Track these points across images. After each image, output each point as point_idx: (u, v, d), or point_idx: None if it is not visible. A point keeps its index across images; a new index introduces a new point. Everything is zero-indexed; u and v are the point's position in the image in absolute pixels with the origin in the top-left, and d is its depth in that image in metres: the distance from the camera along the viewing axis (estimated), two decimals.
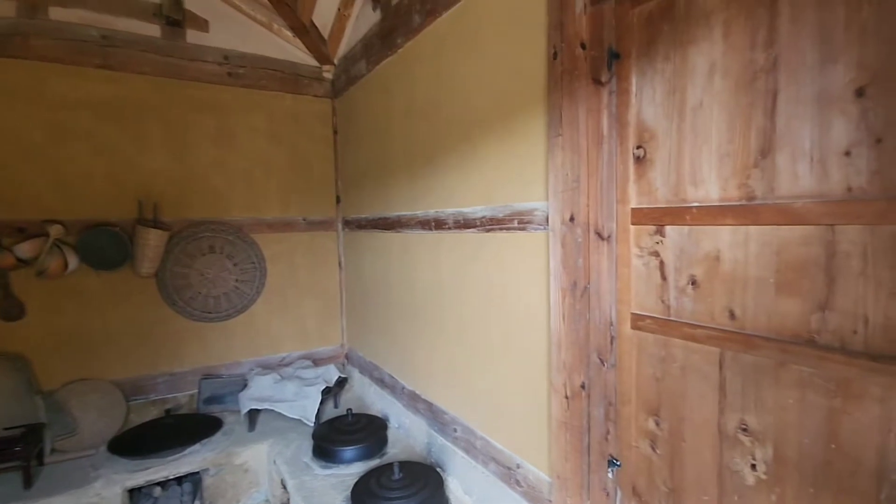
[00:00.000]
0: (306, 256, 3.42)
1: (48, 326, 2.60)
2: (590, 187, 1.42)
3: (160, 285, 2.88)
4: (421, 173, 2.38)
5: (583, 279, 1.45)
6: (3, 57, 2.48)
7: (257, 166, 3.19)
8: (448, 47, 2.10)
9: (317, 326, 3.47)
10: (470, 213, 2.01)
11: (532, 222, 1.67)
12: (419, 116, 2.37)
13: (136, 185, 2.79)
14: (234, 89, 3.08)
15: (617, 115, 1.36)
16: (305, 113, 3.34)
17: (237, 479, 2.61)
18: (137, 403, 2.85)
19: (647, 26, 1.26)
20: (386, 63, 2.65)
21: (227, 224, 3.08)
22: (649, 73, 1.27)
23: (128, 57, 2.74)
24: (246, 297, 3.15)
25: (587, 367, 1.47)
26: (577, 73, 1.42)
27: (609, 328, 1.42)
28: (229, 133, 3.08)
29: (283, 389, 2.79)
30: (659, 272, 1.28)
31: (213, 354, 3.10)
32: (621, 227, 1.37)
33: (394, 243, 2.72)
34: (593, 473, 1.49)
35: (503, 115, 1.79)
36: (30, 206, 2.53)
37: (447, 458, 2.23)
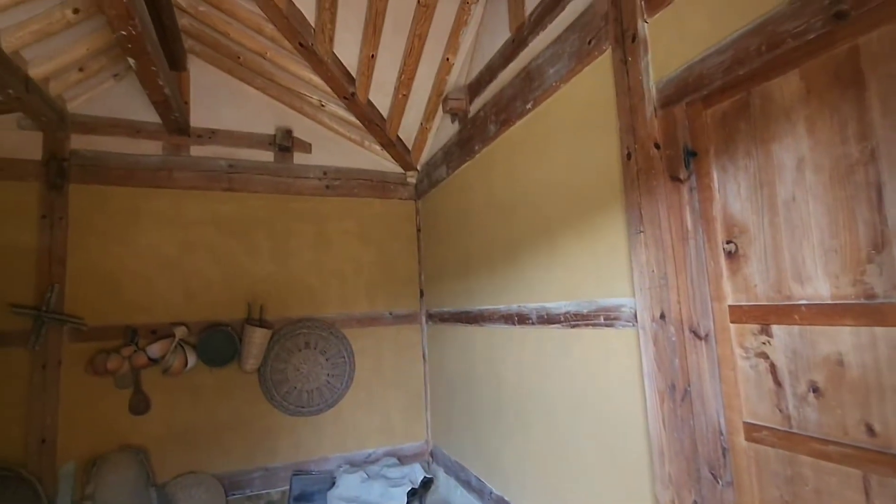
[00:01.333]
0: (392, 349, 3.51)
1: (167, 420, 2.86)
2: (679, 283, 1.37)
3: (261, 380, 3.10)
4: (501, 268, 2.43)
5: (681, 381, 1.35)
6: (152, 187, 3.03)
7: (348, 265, 3.45)
8: (521, 151, 2.24)
9: (402, 421, 3.46)
10: (553, 308, 2.00)
11: (619, 318, 1.61)
12: (497, 214, 2.48)
13: (246, 288, 3.13)
14: (330, 199, 3.46)
15: (701, 211, 1.34)
16: (391, 215, 3.63)
17: None
18: (235, 498, 2.95)
19: (722, 125, 1.28)
20: (464, 167, 2.86)
21: (321, 321, 3.30)
22: (731, 169, 1.25)
23: (247, 180, 3.23)
24: (336, 392, 3.26)
25: (698, 483, 1.32)
26: (653, 172, 1.44)
27: (719, 438, 1.28)
28: (325, 237, 3.41)
29: (370, 490, 2.75)
30: (771, 376, 1.16)
31: (304, 450, 3.18)
32: (720, 326, 1.28)
33: (476, 337, 2.73)
34: None
35: (580, 212, 1.82)
36: (163, 310, 2.92)
37: None
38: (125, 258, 2.89)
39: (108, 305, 2.83)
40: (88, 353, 2.75)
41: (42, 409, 2.62)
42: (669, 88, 1.39)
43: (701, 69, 1.28)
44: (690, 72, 1.31)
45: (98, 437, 2.73)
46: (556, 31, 1.94)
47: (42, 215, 2.76)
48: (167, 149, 3.10)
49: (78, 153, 2.88)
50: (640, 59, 1.49)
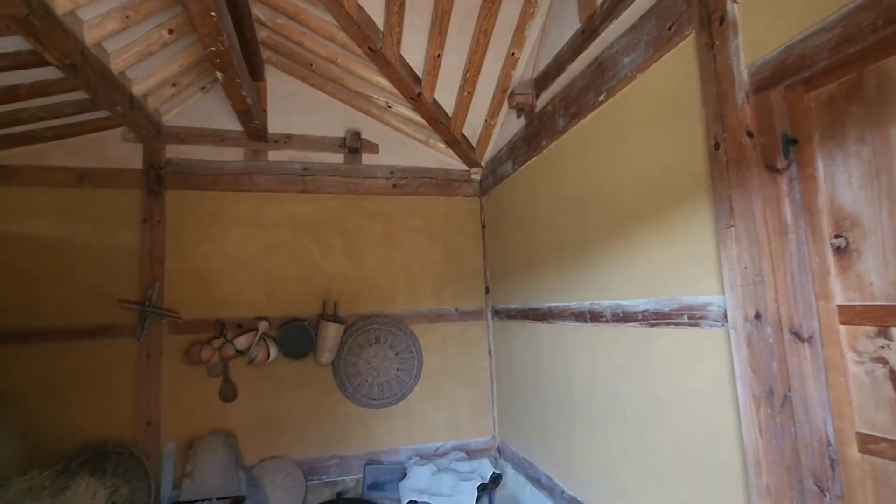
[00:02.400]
0: (458, 345, 3.55)
1: (252, 408, 3.08)
2: (777, 281, 1.28)
3: (335, 373, 3.24)
4: (572, 264, 2.38)
5: (781, 386, 1.26)
6: (235, 191, 3.25)
7: (415, 262, 3.52)
8: (593, 145, 2.18)
9: (469, 416, 3.49)
10: (630, 306, 1.93)
11: (706, 318, 1.53)
12: (567, 210, 2.43)
13: (321, 285, 3.29)
14: (397, 198, 3.54)
15: (803, 203, 1.24)
16: (456, 212, 3.66)
17: None
18: (313, 483, 3.11)
19: (828, 109, 1.17)
20: (531, 163, 2.82)
21: (390, 317, 3.40)
22: (839, 156, 1.15)
23: (319, 182, 3.38)
24: (405, 385, 3.35)
25: (801, 495, 1.23)
26: (745, 162, 1.35)
27: (826, 448, 1.18)
28: (393, 235, 3.50)
29: (440, 482, 2.81)
30: (891, 383, 1.05)
31: (376, 440, 3.29)
32: (826, 328, 1.18)
33: (545, 335, 2.70)
34: None
35: (659, 206, 1.75)
36: (247, 306, 3.14)
37: None
38: (213, 258, 3.13)
39: (199, 301, 3.08)
40: (184, 345, 3.01)
41: (147, 394, 2.91)
42: (764, 72, 1.30)
43: (802, 49, 1.18)
44: (790, 53, 1.21)
45: (194, 420, 2.98)
46: (631, 19, 1.86)
47: (143, 219, 3.05)
48: (248, 155, 3.31)
49: (172, 161, 3.15)
50: (730, 43, 1.40)
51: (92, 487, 2.30)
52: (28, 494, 2.17)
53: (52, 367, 2.81)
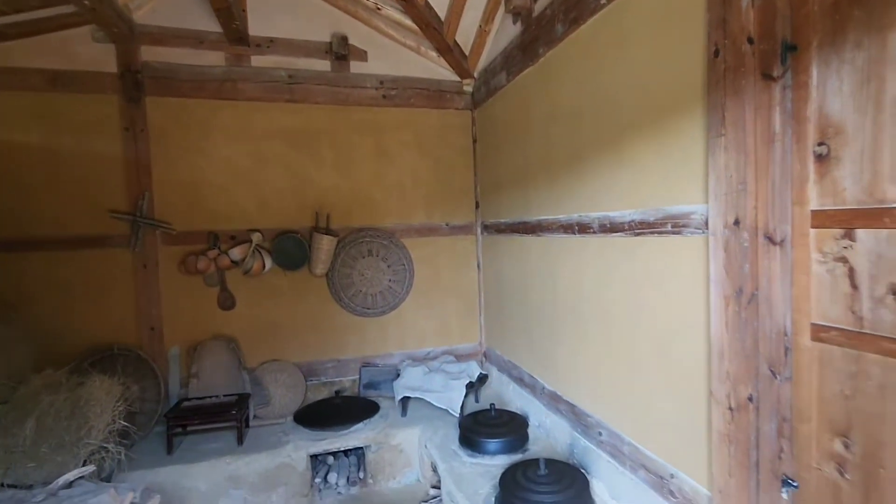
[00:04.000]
0: (448, 259, 3.67)
1: (251, 315, 3.22)
2: (759, 189, 1.34)
3: (330, 284, 3.36)
4: (562, 177, 2.42)
5: (749, 286, 1.37)
6: (219, 99, 3.13)
7: (407, 177, 3.52)
8: (592, 53, 2.12)
9: (458, 324, 3.71)
10: (617, 217, 2.01)
11: (688, 226, 1.62)
12: (561, 122, 2.42)
13: (313, 198, 3.30)
14: (387, 110, 3.45)
15: (792, 112, 1.27)
16: (448, 126, 3.60)
17: (393, 457, 2.93)
18: (312, 384, 3.36)
19: (832, 13, 1.16)
20: (526, 73, 2.74)
21: (382, 230, 3.46)
22: (835, 63, 1.16)
23: (307, 90, 3.26)
24: (397, 296, 3.50)
25: (755, 378, 1.39)
26: (743, 70, 1.35)
27: (783, 338, 1.33)
28: (384, 149, 3.46)
29: (432, 381, 3.05)
30: (848, 280, 1.17)
31: (370, 346, 3.51)
32: (798, 232, 1.27)
33: (533, 247, 2.80)
34: (763, 492, 1.40)
35: (654, 116, 1.76)
36: (239, 218, 3.16)
37: (591, 461, 2.25)
38: (204, 169, 3.09)
39: (191, 213, 3.08)
40: (179, 256, 3.06)
41: (148, 302, 3.01)
42: None
43: None
44: None
45: (195, 327, 3.12)
46: None
47: (125, 127, 2.95)
48: (230, 60, 3.14)
49: (149, 65, 2.99)
50: None
51: (106, 384, 2.45)
52: (47, 389, 2.32)
53: (53, 275, 2.86)
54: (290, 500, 2.70)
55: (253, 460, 2.65)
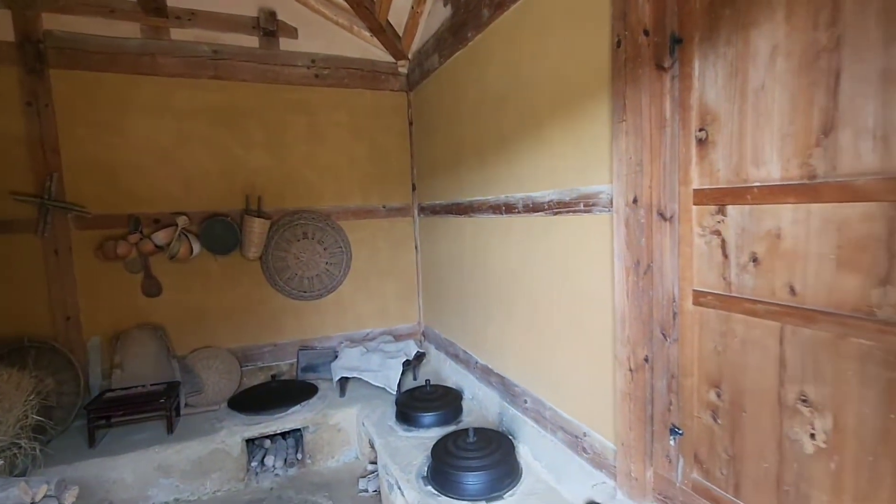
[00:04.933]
0: (386, 241, 3.70)
1: (180, 302, 3.10)
2: (653, 170, 1.48)
3: (264, 268, 3.30)
4: (492, 160, 2.51)
5: (646, 258, 1.52)
6: (136, 74, 2.95)
7: (342, 159, 3.49)
8: (515, 39, 2.20)
9: (396, 305, 3.76)
10: (538, 197, 2.12)
11: (597, 205, 1.75)
12: (489, 106, 2.49)
13: (244, 180, 3.20)
14: (320, 89, 3.39)
15: (679, 100, 1.40)
16: (383, 107, 3.59)
17: (332, 437, 2.96)
18: (248, 369, 3.30)
19: (709, 11, 1.30)
20: (457, 56, 2.79)
21: (317, 212, 3.42)
22: (711, 56, 1.30)
23: (233, 67, 3.13)
24: (335, 279, 3.50)
25: (650, 341, 1.55)
26: (640, 60, 1.47)
27: (672, 304, 1.49)
28: (317, 130, 3.40)
29: (369, 361, 3.10)
30: (720, 250, 1.32)
31: (308, 329, 3.49)
32: (683, 208, 1.42)
33: (466, 227, 2.89)
34: (656, 442, 1.58)
35: (569, 102, 1.87)
36: (163, 201, 3.02)
37: (518, 427, 2.40)
38: (120, 149, 2.91)
39: (108, 195, 2.91)
40: (96, 240, 2.89)
41: (62, 290, 2.83)
42: None
43: None
44: None
45: (117, 315, 2.97)
46: None
47: (27, 102, 2.72)
48: (146, 31, 2.96)
49: (52, 34, 2.76)
50: None
51: (15, 378, 2.30)
52: None
53: None
54: (224, 485, 2.68)
55: (184, 448, 2.60)
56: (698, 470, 1.45)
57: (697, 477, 1.46)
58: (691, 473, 1.48)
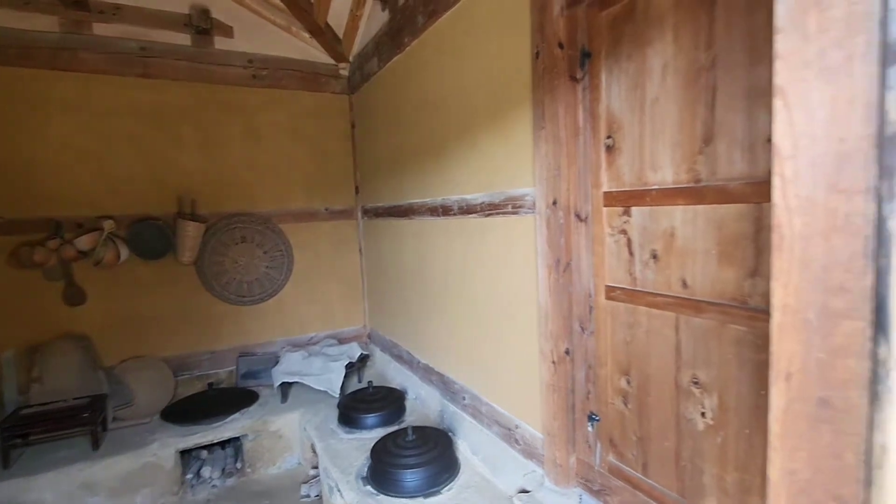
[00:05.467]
0: (329, 244, 3.67)
1: (106, 310, 2.95)
2: (570, 174, 1.58)
3: (199, 272, 3.20)
4: (430, 163, 2.57)
5: (565, 256, 1.62)
6: (55, 69, 2.78)
7: (282, 161, 3.44)
8: (449, 46, 2.27)
9: (341, 308, 3.74)
10: (472, 199, 2.20)
11: (523, 206, 1.84)
12: (427, 110, 2.55)
13: (176, 182, 3.09)
14: (258, 90, 3.32)
15: (590, 109, 1.51)
16: (324, 109, 3.57)
17: (273, 443, 2.91)
18: (184, 378, 3.19)
19: (612, 28, 1.41)
20: (396, 60, 2.83)
21: (256, 215, 3.36)
22: (616, 70, 1.41)
23: (164, 65, 3.02)
24: (276, 282, 3.44)
25: (570, 335, 1.65)
26: (556, 71, 1.57)
27: (588, 299, 1.59)
28: (256, 132, 3.34)
29: (311, 364, 3.07)
30: (627, 248, 1.44)
31: (249, 334, 3.41)
32: (595, 209, 1.53)
33: (407, 230, 2.94)
34: (578, 429, 1.68)
35: (498, 109, 1.95)
36: (86, 204, 2.86)
37: (457, 424, 2.46)
38: (36, 148, 2.74)
39: (23, 198, 2.73)
40: (9, 246, 2.70)
41: None
42: None
43: None
44: None
45: (35, 326, 2.78)
46: None
47: None
48: (65, 26, 2.80)
49: None
50: None
51: None
52: None
53: None
54: (157, 500, 2.57)
55: (112, 464, 2.48)
56: (613, 453, 1.57)
57: (612, 459, 1.57)
58: (607, 456, 1.59)
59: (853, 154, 0.45)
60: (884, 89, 0.42)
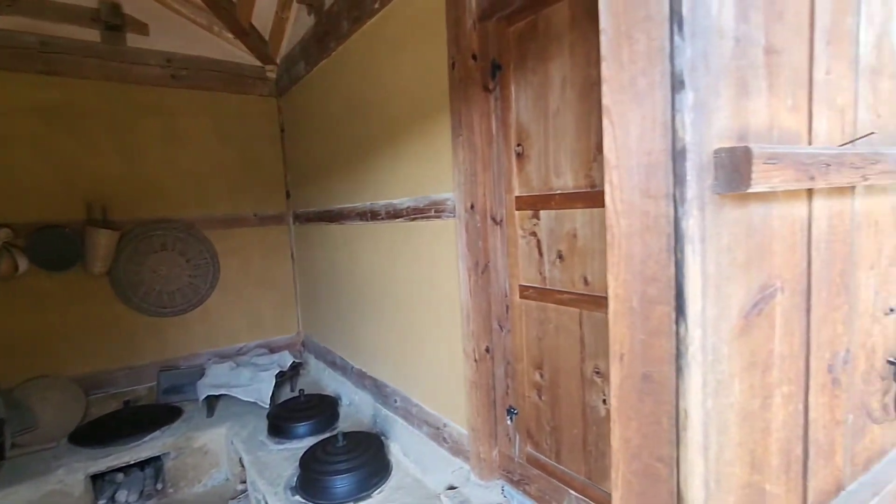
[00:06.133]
0: (259, 250, 3.57)
1: (4, 327, 2.69)
2: (485, 179, 1.66)
3: (114, 283, 2.99)
4: (359, 168, 2.57)
5: (483, 258, 1.69)
6: None
7: (206, 165, 3.30)
8: (373, 53, 2.30)
9: (273, 316, 3.64)
10: (398, 203, 2.23)
11: (445, 210, 1.89)
12: (354, 115, 2.56)
13: (86, 187, 2.88)
14: (179, 91, 3.18)
15: (502, 118, 1.60)
16: (252, 112, 3.47)
17: (198, 460, 2.78)
18: (97, 397, 2.97)
19: (519, 43, 1.50)
20: (323, 65, 2.81)
21: (178, 222, 3.20)
22: (523, 82, 1.50)
23: (69, 62, 2.81)
24: (200, 292, 3.29)
25: (490, 333, 1.73)
26: (470, 82, 1.64)
27: (505, 299, 1.67)
28: (177, 134, 3.18)
29: (239, 376, 2.96)
30: (537, 249, 1.53)
31: (171, 347, 3.23)
32: (509, 213, 1.61)
33: (338, 235, 2.92)
34: (499, 423, 1.76)
35: (420, 116, 2.00)
36: None
37: (389, 427, 2.47)
38: None
39: None
40: None
41: None
42: (485, 3, 1.56)
43: None
44: None
45: None
46: None
47: None
48: None
49: None
50: None
51: None
52: None
53: None
54: None
55: (9, 495, 2.26)
56: (530, 443, 1.65)
57: (530, 450, 1.65)
58: (526, 447, 1.67)
59: (657, 165, 0.53)
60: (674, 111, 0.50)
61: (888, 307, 0.81)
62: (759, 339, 0.60)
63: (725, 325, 0.57)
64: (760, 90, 0.57)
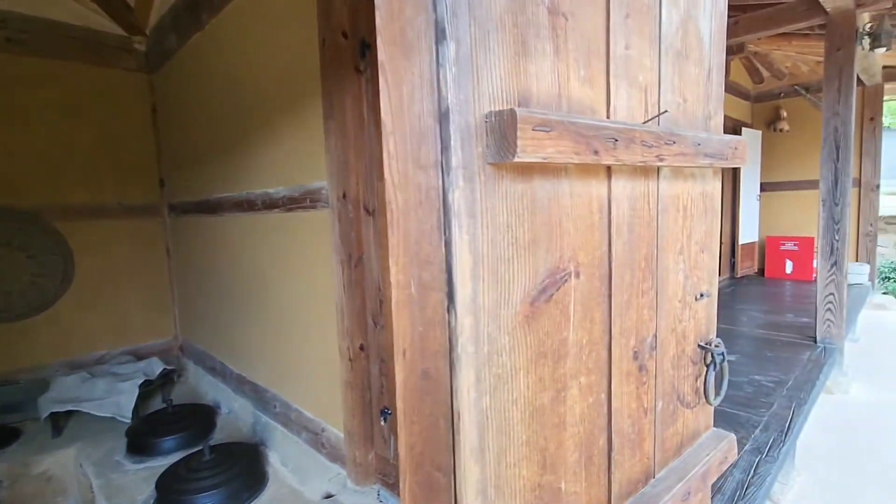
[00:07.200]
0: (127, 244, 3.15)
1: None
2: (358, 168, 1.56)
3: None
4: (235, 154, 2.34)
5: (356, 251, 1.59)
6: None
7: (55, 146, 2.85)
8: (247, 28, 2.09)
9: (143, 320, 3.24)
10: (274, 193, 2.05)
11: (320, 200, 1.76)
12: (230, 96, 2.32)
13: None
14: (16, 58, 2.70)
15: (372, 103, 1.50)
16: (115, 87, 3.05)
17: (38, 489, 2.37)
18: None
19: None
20: (196, 39, 2.53)
21: (18, 212, 2.72)
22: None
23: None
24: (47, 293, 2.83)
25: (365, 330, 1.63)
26: (341, 61, 1.53)
27: (378, 293, 1.59)
28: (15, 108, 2.70)
29: (93, 388, 2.59)
30: None
31: (8, 359, 2.75)
32: (381, 202, 1.52)
33: (216, 227, 2.65)
34: (375, 424, 1.67)
35: (291, 98, 1.85)
36: None
37: (269, 435, 2.28)
38: None
39: None
40: None
41: None
42: None
43: None
44: None
45: None
46: None
47: None
48: None
49: None
50: None
51: None
52: None
53: None
54: None
55: None
56: None
57: None
58: None
59: (427, 130, 0.47)
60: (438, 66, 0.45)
61: (698, 292, 0.84)
62: (549, 328, 0.56)
63: (506, 312, 0.52)
64: (545, 52, 0.53)
